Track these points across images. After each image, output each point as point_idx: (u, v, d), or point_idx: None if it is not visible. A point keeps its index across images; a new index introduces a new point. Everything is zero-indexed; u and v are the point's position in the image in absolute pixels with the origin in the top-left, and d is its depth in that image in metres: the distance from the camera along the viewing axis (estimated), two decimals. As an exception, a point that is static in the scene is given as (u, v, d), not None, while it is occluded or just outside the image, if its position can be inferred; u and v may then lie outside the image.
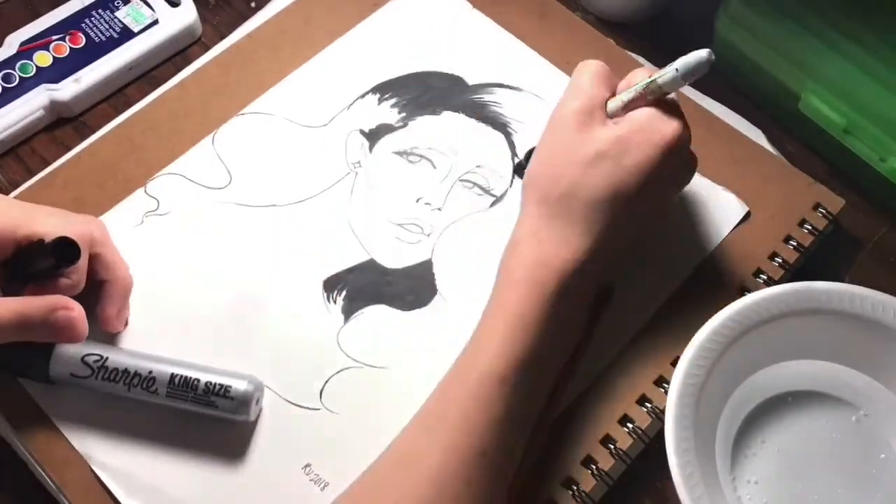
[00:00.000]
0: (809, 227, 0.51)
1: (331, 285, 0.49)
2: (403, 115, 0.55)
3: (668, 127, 0.43)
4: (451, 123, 0.55)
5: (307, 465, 0.44)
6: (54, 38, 0.58)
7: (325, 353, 0.47)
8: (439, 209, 0.51)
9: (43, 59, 0.57)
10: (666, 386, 0.46)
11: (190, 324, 0.48)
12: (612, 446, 0.45)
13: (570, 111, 0.45)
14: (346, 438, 0.45)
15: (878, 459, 0.46)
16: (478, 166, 0.53)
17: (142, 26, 0.59)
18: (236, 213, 0.51)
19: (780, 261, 0.50)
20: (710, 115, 0.56)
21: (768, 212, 0.52)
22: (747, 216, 0.52)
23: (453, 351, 0.43)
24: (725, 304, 0.47)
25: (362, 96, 0.56)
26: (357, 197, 0.52)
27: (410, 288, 0.49)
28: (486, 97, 0.56)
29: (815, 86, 0.53)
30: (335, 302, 0.48)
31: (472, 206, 0.52)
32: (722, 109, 0.57)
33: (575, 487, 0.44)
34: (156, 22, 0.60)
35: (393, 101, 0.55)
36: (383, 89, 0.56)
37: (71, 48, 0.58)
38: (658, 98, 0.44)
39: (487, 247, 0.48)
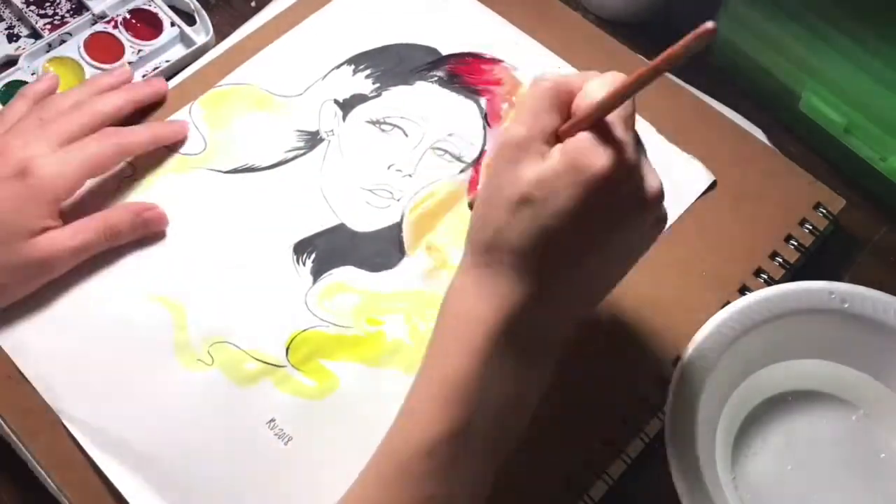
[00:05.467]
0: (810, 227, 0.51)
1: (300, 248, 0.50)
2: (377, 85, 0.56)
3: (599, 160, 0.35)
4: (424, 93, 0.56)
5: (271, 420, 0.45)
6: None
7: (293, 312, 0.48)
8: (410, 175, 0.53)
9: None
10: (666, 386, 0.46)
11: (163, 284, 0.49)
12: (612, 446, 0.45)
13: (504, 143, 0.37)
14: (310, 394, 0.46)
15: (878, 459, 0.46)
16: (449, 134, 0.54)
17: (159, 44, 0.60)
18: (210, 179, 0.52)
19: (780, 260, 0.50)
20: (712, 111, 0.56)
21: (769, 211, 0.52)
22: (713, 185, 0.52)
23: None
24: (725, 304, 0.47)
25: (337, 67, 0.57)
26: (329, 164, 0.53)
27: (378, 250, 0.50)
28: (460, 67, 0.56)
29: (816, 85, 0.53)
30: (304, 264, 0.50)
31: (442, 172, 0.53)
32: (722, 109, 0.57)
33: (575, 487, 0.44)
34: (173, 39, 0.60)
35: (367, 71, 0.56)
36: (358, 60, 0.57)
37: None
38: (602, 116, 0.36)
39: (455, 211, 0.51)
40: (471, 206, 0.40)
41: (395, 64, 0.57)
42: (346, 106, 0.55)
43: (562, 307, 0.38)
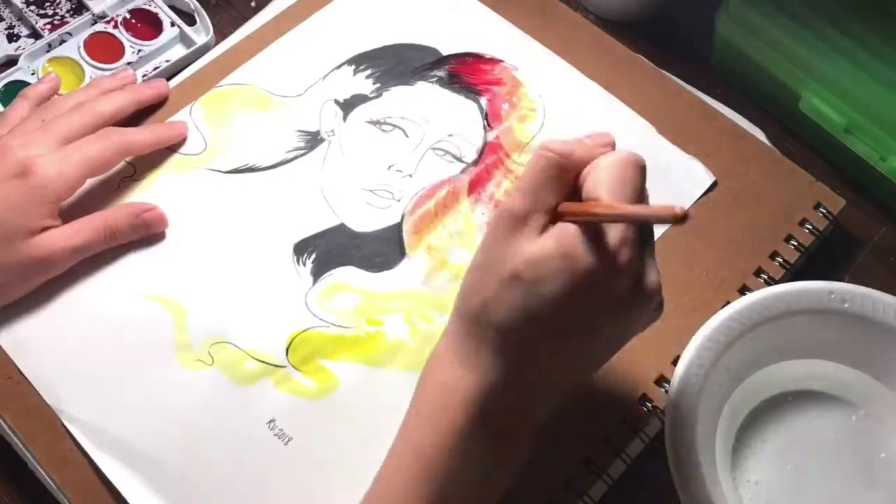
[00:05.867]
0: (810, 227, 0.51)
1: (301, 249, 0.50)
2: (378, 85, 0.56)
3: (589, 256, 0.34)
4: (425, 93, 0.56)
5: (271, 420, 0.45)
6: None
7: (294, 313, 0.48)
8: (410, 176, 0.53)
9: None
10: (666, 386, 0.46)
11: (163, 284, 0.49)
12: (612, 446, 0.45)
13: (503, 211, 0.36)
14: (310, 394, 0.46)
15: (879, 459, 0.46)
16: (450, 135, 0.54)
17: (159, 44, 0.60)
18: (210, 179, 0.52)
19: (780, 260, 0.50)
20: (712, 111, 0.56)
21: (769, 211, 0.52)
22: (713, 186, 0.52)
23: None
24: (725, 304, 0.47)
25: (338, 67, 0.57)
26: (330, 164, 0.53)
27: (379, 251, 0.50)
28: (461, 67, 0.57)
29: (816, 85, 0.53)
30: (304, 264, 0.50)
31: (443, 172, 0.53)
32: (722, 109, 0.57)
33: (575, 487, 0.44)
34: (173, 39, 0.60)
35: (368, 72, 0.56)
36: (359, 61, 0.57)
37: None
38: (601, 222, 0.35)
39: (456, 211, 0.51)
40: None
41: (396, 64, 0.57)
42: (347, 106, 0.55)
43: (540, 392, 0.38)
